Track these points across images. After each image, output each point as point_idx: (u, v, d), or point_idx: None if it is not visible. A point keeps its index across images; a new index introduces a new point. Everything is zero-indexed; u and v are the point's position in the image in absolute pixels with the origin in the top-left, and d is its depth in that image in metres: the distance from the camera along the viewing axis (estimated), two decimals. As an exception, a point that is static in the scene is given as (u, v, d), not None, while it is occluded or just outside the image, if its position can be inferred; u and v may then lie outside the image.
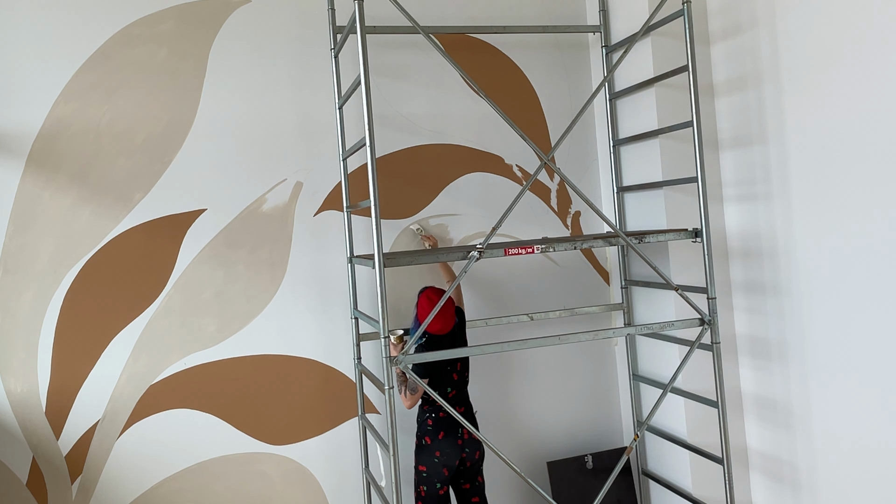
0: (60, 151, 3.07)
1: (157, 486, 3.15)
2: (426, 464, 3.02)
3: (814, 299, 2.94)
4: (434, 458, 3.00)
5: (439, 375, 3.01)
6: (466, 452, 3.03)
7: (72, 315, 3.07)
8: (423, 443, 3.05)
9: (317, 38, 3.36)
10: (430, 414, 3.05)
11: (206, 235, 3.23)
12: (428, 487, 3.02)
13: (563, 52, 3.75)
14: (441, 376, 3.01)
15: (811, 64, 2.86)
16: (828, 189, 2.83)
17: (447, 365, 3.02)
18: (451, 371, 3.04)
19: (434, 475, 3.00)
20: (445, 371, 3.02)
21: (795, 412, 3.08)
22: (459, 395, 3.08)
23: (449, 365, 3.03)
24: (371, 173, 2.55)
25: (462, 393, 3.09)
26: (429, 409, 3.06)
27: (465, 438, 3.02)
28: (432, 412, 3.04)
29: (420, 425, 3.08)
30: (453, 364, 3.04)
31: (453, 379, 3.05)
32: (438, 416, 3.03)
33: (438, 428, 3.02)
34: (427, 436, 3.04)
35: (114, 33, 3.13)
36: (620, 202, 3.61)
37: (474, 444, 3.05)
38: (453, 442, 3.00)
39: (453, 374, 3.05)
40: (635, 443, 2.99)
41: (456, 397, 3.06)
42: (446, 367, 3.02)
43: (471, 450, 3.04)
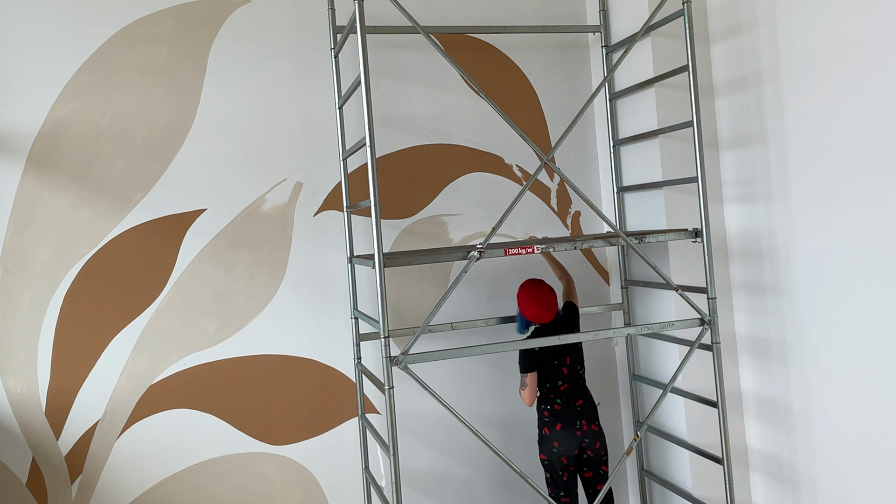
0: (60, 151, 3.07)
1: (157, 486, 3.15)
2: (546, 453, 3.13)
3: (814, 299, 2.94)
4: (553, 448, 3.10)
5: (546, 369, 3.09)
6: (586, 443, 3.11)
7: (72, 315, 3.07)
8: (542, 433, 3.15)
9: (317, 38, 3.36)
10: (545, 406, 3.14)
11: (206, 235, 3.23)
12: (551, 474, 3.14)
13: (563, 52, 3.75)
14: (548, 370, 3.09)
15: (811, 64, 2.85)
16: (828, 189, 2.83)
17: (553, 359, 3.09)
18: (559, 365, 3.10)
19: (555, 464, 3.11)
20: (552, 365, 3.09)
21: (795, 412, 3.08)
22: (573, 387, 3.13)
23: (556, 359, 3.09)
24: (371, 173, 2.55)
25: (576, 386, 3.14)
26: (544, 402, 3.15)
27: (584, 430, 3.10)
28: (547, 404, 3.13)
29: (539, 416, 3.18)
30: (561, 358, 3.10)
31: (563, 373, 3.10)
32: (553, 408, 3.12)
33: (555, 419, 3.11)
34: (545, 427, 3.14)
35: (114, 33, 3.13)
36: (620, 202, 3.61)
37: (594, 435, 3.12)
38: (572, 433, 3.08)
39: (562, 367, 3.10)
40: (635, 443, 2.99)
41: (569, 390, 3.12)
42: (553, 361, 3.09)
43: (590, 440, 3.11)
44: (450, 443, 3.51)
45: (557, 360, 3.09)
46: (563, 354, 3.10)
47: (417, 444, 3.47)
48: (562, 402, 3.10)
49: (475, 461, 3.54)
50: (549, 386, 3.10)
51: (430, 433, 3.48)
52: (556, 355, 3.09)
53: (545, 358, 3.07)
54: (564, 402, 3.10)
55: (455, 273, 3.54)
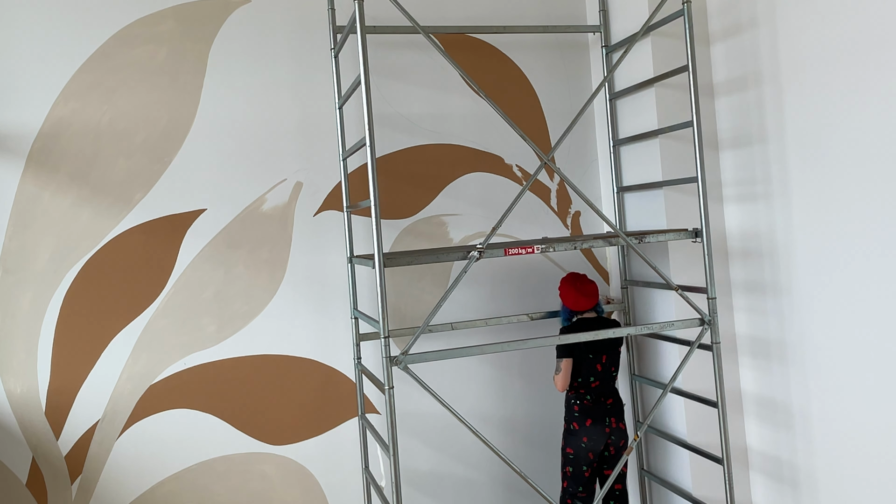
0: (60, 151, 3.07)
1: (157, 486, 3.15)
2: (573, 447, 3.14)
3: (814, 299, 2.94)
4: (581, 443, 3.11)
5: (581, 362, 3.10)
6: (612, 440, 3.13)
7: (72, 315, 3.07)
8: (571, 427, 3.16)
9: (317, 38, 3.36)
10: (575, 400, 3.16)
11: (206, 235, 3.23)
12: (574, 469, 3.14)
13: (563, 52, 3.75)
14: (582, 363, 3.11)
15: (811, 64, 2.86)
16: (828, 189, 2.83)
17: (590, 353, 3.11)
18: (594, 360, 3.12)
19: (580, 458, 3.12)
20: (588, 359, 3.11)
21: (795, 412, 3.08)
22: (604, 386, 3.15)
23: (592, 354, 3.11)
24: (371, 173, 2.55)
25: (608, 385, 3.16)
26: (574, 396, 3.16)
27: (613, 427, 3.13)
28: (577, 399, 3.15)
29: (567, 410, 3.20)
30: (598, 354, 3.12)
31: (597, 370, 3.12)
32: (584, 403, 3.14)
33: (585, 415, 3.12)
34: (575, 421, 3.15)
35: (114, 33, 3.13)
36: (620, 202, 3.61)
37: (620, 433, 3.15)
38: (601, 430, 3.11)
39: (597, 364, 3.12)
40: (635, 443, 2.99)
41: (600, 388, 3.14)
42: (589, 354, 3.11)
43: (616, 438, 3.14)
44: (450, 443, 3.51)
45: (594, 355, 3.12)
46: (601, 351, 3.13)
47: (417, 444, 3.47)
48: (592, 399, 3.13)
49: (475, 461, 3.54)
50: (580, 380, 3.12)
51: (430, 433, 3.49)
52: (594, 350, 3.11)
53: (583, 350, 3.10)
54: (594, 398, 3.13)
55: (455, 273, 3.54)
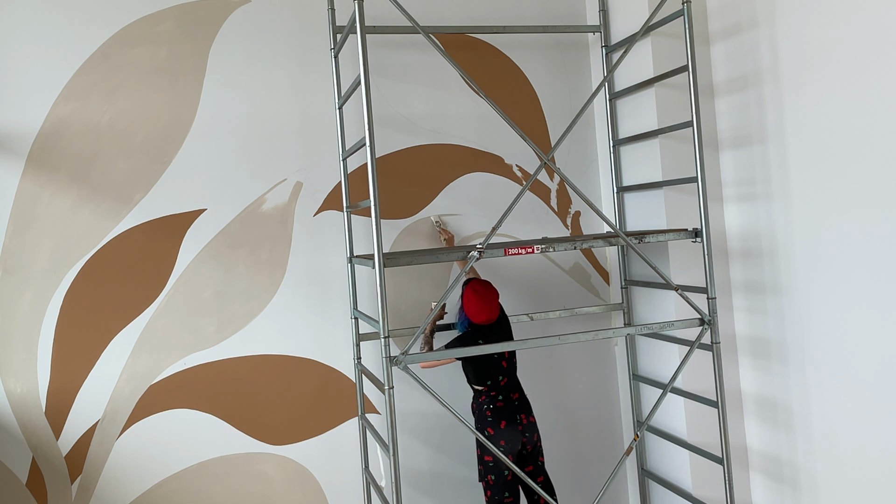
0: (60, 151, 3.07)
1: (157, 486, 3.15)
2: (492, 454, 3.05)
3: (814, 299, 2.94)
4: (499, 447, 3.05)
5: (488, 365, 3.07)
6: (527, 437, 3.10)
7: (72, 315, 3.07)
8: (486, 433, 3.09)
9: (317, 38, 3.36)
10: (487, 405, 3.11)
11: (206, 235, 3.23)
12: (496, 476, 3.08)
13: (563, 52, 3.75)
14: (489, 366, 3.08)
15: (811, 64, 2.85)
16: (828, 189, 2.83)
17: (494, 354, 3.07)
18: (498, 359, 3.10)
19: (501, 463, 3.06)
20: (493, 360, 3.08)
21: (795, 412, 3.08)
22: (511, 381, 3.13)
23: (496, 354, 3.08)
24: (371, 173, 2.55)
25: (513, 379, 3.15)
26: (486, 401, 3.12)
27: (524, 423, 3.10)
28: (490, 403, 3.10)
29: (479, 417, 3.13)
30: (500, 353, 3.09)
31: (503, 367, 3.10)
32: (496, 405, 3.09)
33: (499, 418, 3.08)
34: (489, 427, 3.08)
35: (114, 33, 3.13)
36: (620, 202, 3.61)
37: (532, 427, 3.13)
38: (514, 429, 3.07)
39: (501, 361, 3.10)
40: (635, 443, 2.99)
41: (508, 384, 3.12)
42: (493, 356, 3.08)
43: (530, 434, 3.11)
44: (450, 443, 3.51)
45: (497, 355, 3.09)
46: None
47: (417, 444, 3.47)
48: (503, 398, 3.10)
49: (475, 461, 3.54)
50: (490, 383, 3.08)
51: (430, 433, 3.49)
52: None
53: (487, 355, 3.05)
54: (505, 397, 3.10)
55: (455, 273, 3.54)
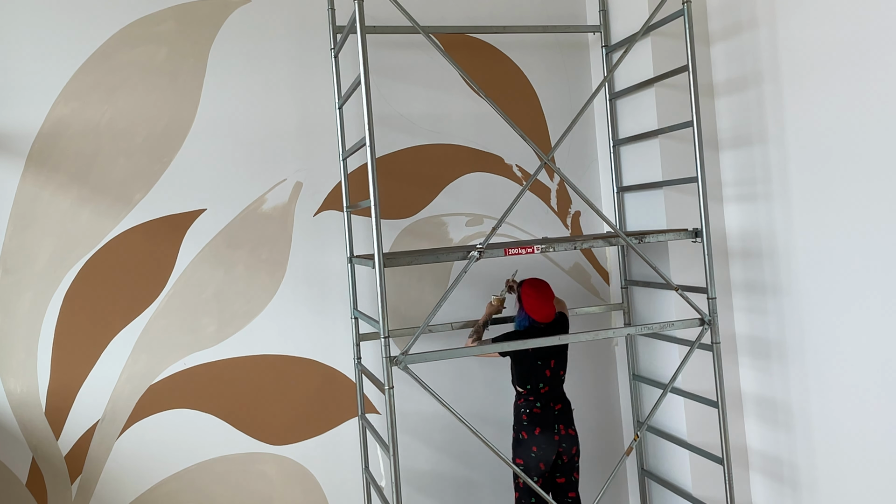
0: (60, 151, 3.07)
1: (157, 486, 3.15)
2: (523, 457, 3.06)
3: (814, 299, 2.94)
4: (531, 453, 3.04)
5: (530, 368, 3.05)
6: (563, 448, 3.06)
7: (72, 315, 3.07)
8: (520, 437, 3.08)
9: (317, 38, 3.36)
10: (524, 409, 3.09)
11: (206, 235, 3.23)
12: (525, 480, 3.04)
13: (563, 52, 3.75)
14: (532, 370, 3.06)
15: (811, 64, 2.85)
16: (828, 189, 2.83)
17: (538, 359, 3.06)
18: (542, 367, 3.07)
19: (531, 469, 3.04)
20: (537, 366, 3.06)
21: (795, 412, 3.08)
22: (553, 392, 3.10)
23: (540, 360, 3.06)
24: (371, 173, 2.55)
25: (556, 390, 3.12)
26: (523, 404, 3.10)
27: (562, 434, 3.07)
28: (527, 408, 3.09)
29: (516, 419, 3.12)
30: (546, 359, 3.07)
31: (545, 375, 3.07)
32: (533, 411, 3.07)
33: (534, 424, 3.06)
34: (524, 431, 3.07)
35: (114, 33, 3.13)
36: (620, 202, 3.61)
37: (571, 440, 3.08)
38: (550, 438, 3.04)
39: (545, 370, 3.07)
40: (635, 443, 2.99)
41: (549, 393, 3.09)
42: (537, 361, 3.06)
43: (567, 445, 3.07)
44: (450, 443, 3.51)
45: (542, 361, 3.06)
46: (549, 357, 3.07)
47: (417, 444, 3.47)
48: (541, 405, 3.07)
49: (475, 461, 3.54)
50: (530, 387, 3.06)
51: (430, 433, 3.48)
52: (542, 356, 3.05)
53: (530, 356, 3.05)
54: (543, 404, 3.07)
55: (455, 273, 3.54)
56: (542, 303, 3.06)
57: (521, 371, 3.07)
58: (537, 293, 3.08)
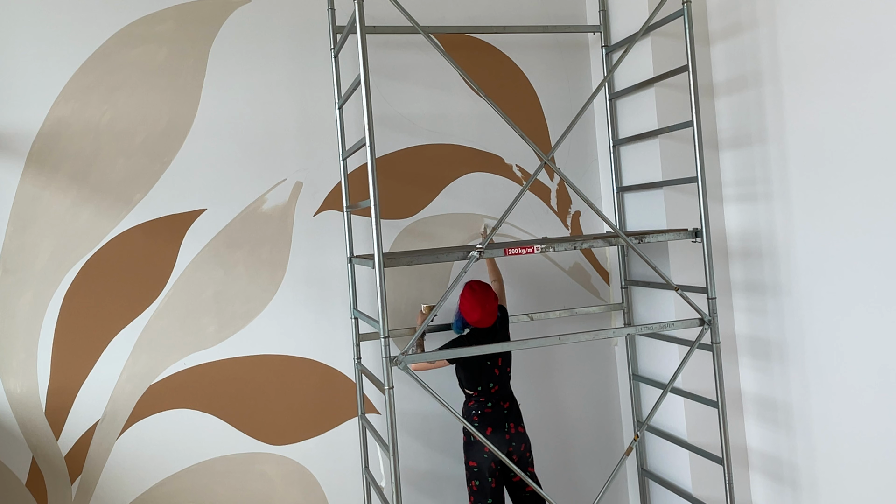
0: (60, 151, 3.07)
1: (157, 486, 3.15)
2: (476, 459, 3.07)
3: (814, 299, 2.94)
4: (483, 454, 3.05)
5: (479, 370, 3.05)
6: (513, 446, 3.07)
7: (71, 315, 3.07)
8: (471, 439, 3.08)
9: (317, 38, 3.36)
10: (475, 411, 3.10)
11: (206, 235, 3.23)
12: (479, 481, 3.07)
13: (563, 52, 3.75)
14: (481, 371, 3.06)
15: (811, 64, 2.85)
16: (828, 189, 2.83)
17: (487, 360, 3.06)
18: (491, 366, 3.08)
19: (484, 469, 3.05)
20: (486, 366, 3.06)
21: (795, 412, 3.08)
22: (503, 390, 3.11)
23: (489, 360, 3.07)
24: (371, 173, 2.55)
25: (505, 388, 3.13)
26: (474, 406, 3.11)
27: (512, 433, 3.08)
28: (478, 409, 3.09)
29: (467, 420, 3.11)
30: (493, 359, 3.08)
31: (495, 374, 3.08)
32: (484, 412, 3.08)
33: (485, 424, 3.06)
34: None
35: (114, 33, 3.13)
36: (620, 202, 3.61)
37: (520, 437, 3.10)
38: (501, 437, 3.05)
39: (494, 369, 3.08)
40: (635, 443, 2.99)
41: (499, 392, 3.10)
42: (486, 361, 3.06)
43: (517, 443, 3.09)
44: (450, 443, 3.50)
45: (490, 361, 3.07)
46: (496, 356, 3.08)
47: (417, 444, 3.47)
48: (492, 405, 3.08)
49: (475, 461, 3.54)
50: (480, 388, 3.07)
51: (430, 433, 3.48)
52: (490, 356, 3.05)
53: (478, 357, 3.04)
54: (494, 404, 3.08)
55: (455, 273, 3.54)
56: (474, 305, 3.02)
57: (471, 374, 3.06)
58: (473, 296, 3.04)
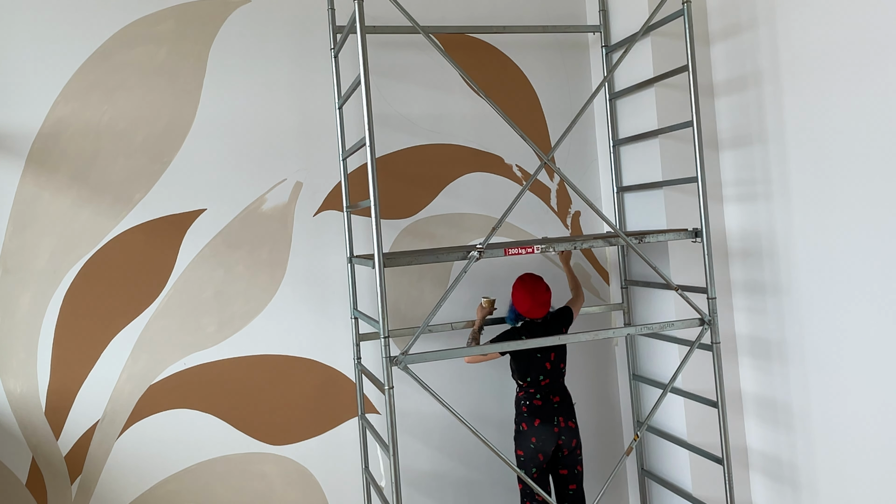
0: (60, 151, 3.07)
1: (157, 486, 3.15)
2: (523, 448, 3.11)
3: (814, 299, 2.94)
4: (530, 444, 3.08)
5: (529, 362, 3.08)
6: (563, 440, 3.09)
7: (71, 315, 3.07)
8: (520, 428, 3.12)
9: (317, 38, 3.36)
10: (524, 401, 3.13)
11: (206, 235, 3.23)
12: (525, 471, 3.09)
13: (563, 52, 3.75)
14: (531, 364, 3.09)
15: (811, 64, 2.85)
16: (828, 189, 2.83)
17: (537, 353, 3.09)
18: (542, 359, 3.10)
19: (530, 460, 3.08)
20: (536, 359, 3.09)
21: (795, 412, 3.08)
22: (554, 384, 3.13)
23: (540, 353, 3.09)
24: (371, 173, 2.55)
25: (557, 383, 3.15)
26: (524, 397, 3.14)
27: (562, 426, 3.09)
28: (527, 400, 3.12)
29: (517, 411, 3.16)
30: (545, 353, 3.10)
31: (545, 367, 3.10)
32: (533, 403, 3.11)
33: (534, 415, 3.09)
34: (524, 422, 3.11)
35: (113, 33, 3.14)
36: (620, 202, 3.61)
37: (570, 432, 3.11)
38: (549, 430, 3.07)
39: (545, 362, 3.10)
40: (635, 443, 2.99)
41: (549, 386, 3.12)
42: (536, 354, 3.09)
43: (567, 438, 3.10)
44: (450, 443, 3.51)
45: (541, 354, 3.10)
46: (549, 349, 3.11)
47: (417, 444, 3.47)
48: (541, 398, 3.10)
49: (475, 461, 3.54)
50: (530, 380, 3.10)
51: (430, 433, 3.49)
52: (542, 349, 3.09)
53: (529, 350, 3.07)
54: (543, 397, 3.11)
55: (455, 273, 3.54)
56: (525, 296, 3.08)
57: (520, 365, 3.10)
58: (524, 287, 3.11)
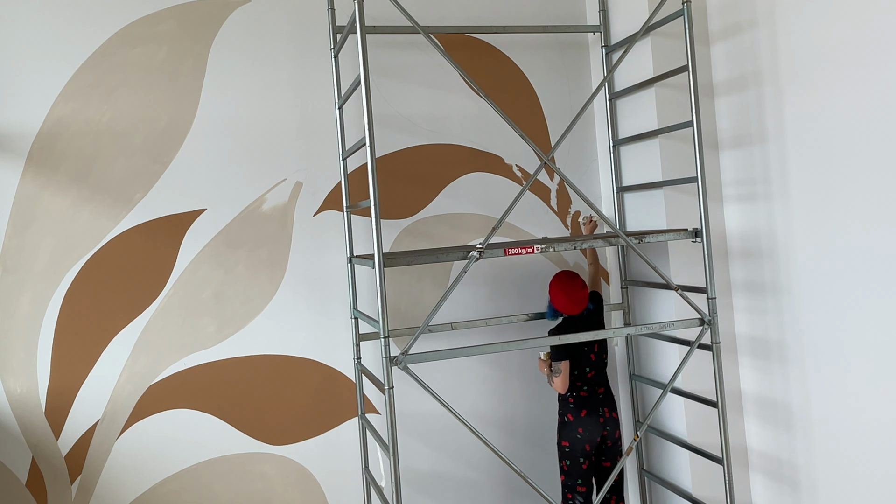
0: (60, 151, 3.07)
1: (157, 486, 3.15)
2: (569, 439, 3.15)
3: (814, 299, 2.94)
4: (577, 434, 3.12)
5: (577, 355, 3.13)
6: (608, 430, 3.15)
7: (71, 315, 3.07)
8: (565, 419, 3.17)
9: (317, 38, 3.36)
10: (570, 392, 3.17)
11: (206, 235, 3.23)
12: (571, 462, 3.14)
13: (563, 52, 3.75)
14: (579, 356, 3.13)
15: (811, 64, 2.85)
16: (828, 189, 2.83)
17: (584, 346, 3.13)
18: (587, 352, 3.15)
19: (577, 451, 3.12)
20: (583, 351, 3.14)
21: (795, 412, 3.08)
22: (598, 375, 3.19)
23: (586, 346, 3.14)
24: (371, 173, 2.55)
25: (601, 374, 3.20)
26: (570, 388, 3.17)
27: (607, 417, 3.15)
28: (572, 391, 3.16)
29: (562, 403, 3.20)
30: (590, 345, 3.16)
31: (591, 359, 3.16)
32: (580, 394, 3.16)
33: (580, 406, 3.14)
34: (569, 413, 3.16)
35: (114, 33, 3.13)
36: (620, 202, 3.61)
37: (614, 423, 3.17)
38: (595, 420, 3.12)
39: (590, 354, 3.16)
40: (635, 443, 2.99)
41: (595, 378, 3.17)
42: (583, 347, 3.14)
43: (611, 428, 3.16)
44: (450, 443, 3.51)
45: (587, 347, 3.16)
46: (593, 342, 3.16)
47: (417, 444, 3.47)
48: (587, 389, 3.15)
49: (475, 461, 3.54)
50: (577, 373, 3.15)
51: (430, 433, 3.49)
52: (587, 342, 3.14)
53: (577, 344, 3.12)
54: (590, 389, 3.16)
55: (455, 273, 3.54)
56: (567, 297, 3.13)
57: (570, 360, 3.14)
58: (560, 284, 3.16)
